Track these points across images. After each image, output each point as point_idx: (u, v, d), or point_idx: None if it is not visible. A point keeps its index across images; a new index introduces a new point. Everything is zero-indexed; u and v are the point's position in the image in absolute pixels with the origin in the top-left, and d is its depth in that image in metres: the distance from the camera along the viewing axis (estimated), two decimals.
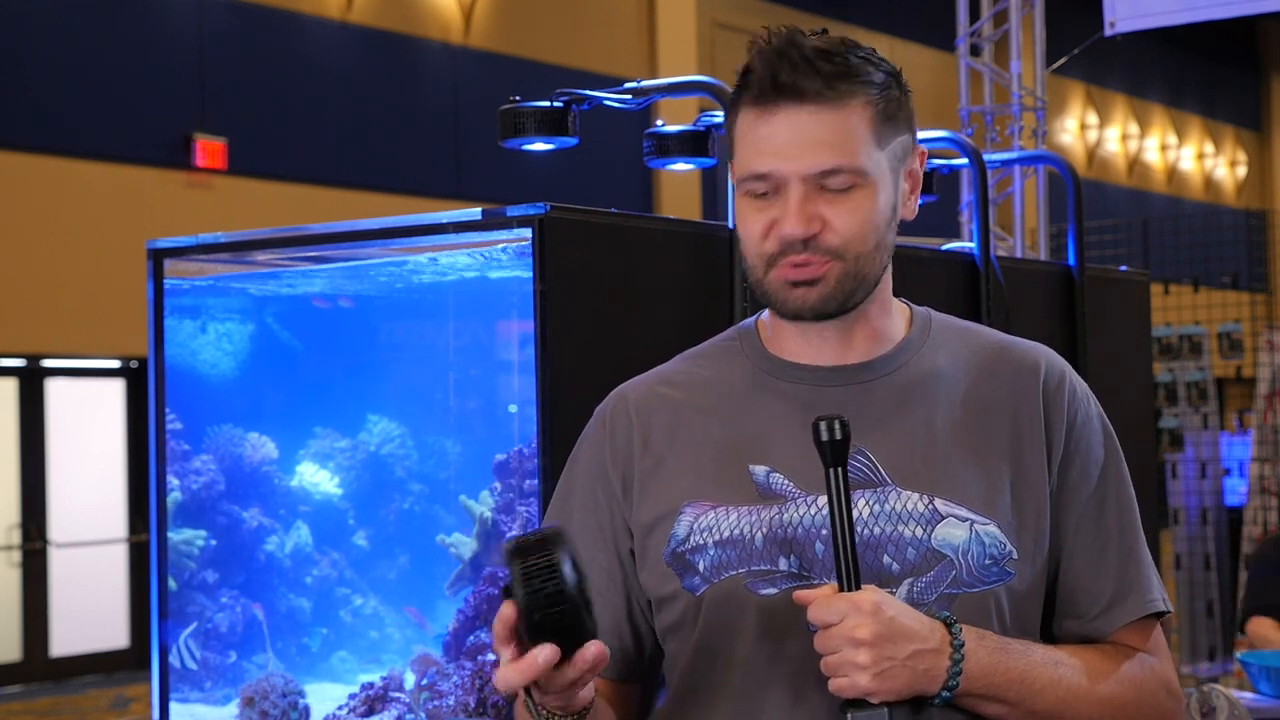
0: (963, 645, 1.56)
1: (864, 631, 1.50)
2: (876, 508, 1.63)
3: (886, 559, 1.62)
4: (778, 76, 1.61)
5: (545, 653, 1.44)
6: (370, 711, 2.78)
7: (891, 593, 1.59)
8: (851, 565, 1.53)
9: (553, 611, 1.44)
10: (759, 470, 1.67)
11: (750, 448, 1.68)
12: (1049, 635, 1.71)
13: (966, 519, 1.62)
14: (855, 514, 1.61)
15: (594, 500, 1.74)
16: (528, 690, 1.49)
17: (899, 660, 1.51)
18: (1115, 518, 1.71)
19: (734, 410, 1.72)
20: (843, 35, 1.67)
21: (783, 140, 1.62)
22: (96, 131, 10.31)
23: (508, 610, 1.45)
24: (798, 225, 1.61)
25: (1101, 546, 1.69)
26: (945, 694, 1.55)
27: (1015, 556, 1.63)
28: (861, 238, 1.63)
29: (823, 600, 1.52)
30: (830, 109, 1.61)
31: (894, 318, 1.74)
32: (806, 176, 1.61)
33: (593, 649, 1.46)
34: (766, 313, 1.77)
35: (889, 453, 1.65)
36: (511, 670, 1.45)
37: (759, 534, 1.64)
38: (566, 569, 1.45)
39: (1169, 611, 1.72)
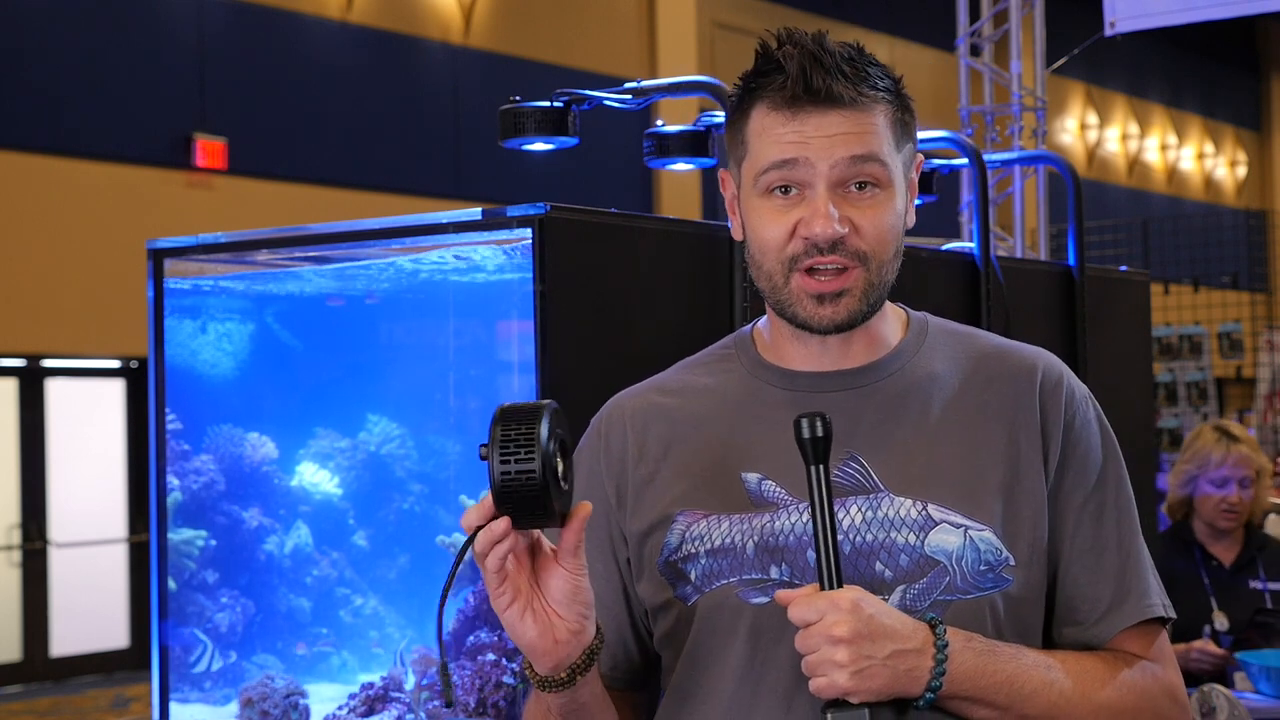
0: (946, 646, 1.53)
1: (841, 629, 1.47)
2: (869, 514, 1.61)
3: (879, 566, 1.60)
4: (811, 81, 1.59)
5: (500, 524, 1.47)
6: (370, 711, 2.78)
7: (884, 600, 1.57)
8: (833, 564, 1.51)
9: (518, 486, 1.44)
10: (751, 477, 1.65)
11: (743, 455, 1.67)
12: (1050, 643, 1.68)
13: (961, 525, 1.60)
14: (848, 521, 1.61)
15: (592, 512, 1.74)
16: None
17: (878, 659, 1.49)
18: (1114, 522, 1.67)
19: (728, 418, 1.70)
20: (850, 40, 1.66)
21: (811, 135, 1.60)
22: (96, 131, 10.31)
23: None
24: (828, 224, 1.59)
25: (1099, 551, 1.66)
26: (929, 695, 1.52)
27: (1012, 563, 1.61)
28: (885, 243, 1.63)
29: (803, 599, 1.50)
30: (858, 111, 1.61)
31: (890, 322, 1.72)
32: (835, 163, 1.59)
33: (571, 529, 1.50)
34: (763, 320, 1.75)
35: (883, 459, 1.63)
36: (473, 512, 1.49)
37: (750, 543, 1.63)
38: (546, 445, 1.44)
39: (1171, 618, 1.69)
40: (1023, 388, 1.67)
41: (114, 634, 10.91)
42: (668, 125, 3.10)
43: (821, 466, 1.51)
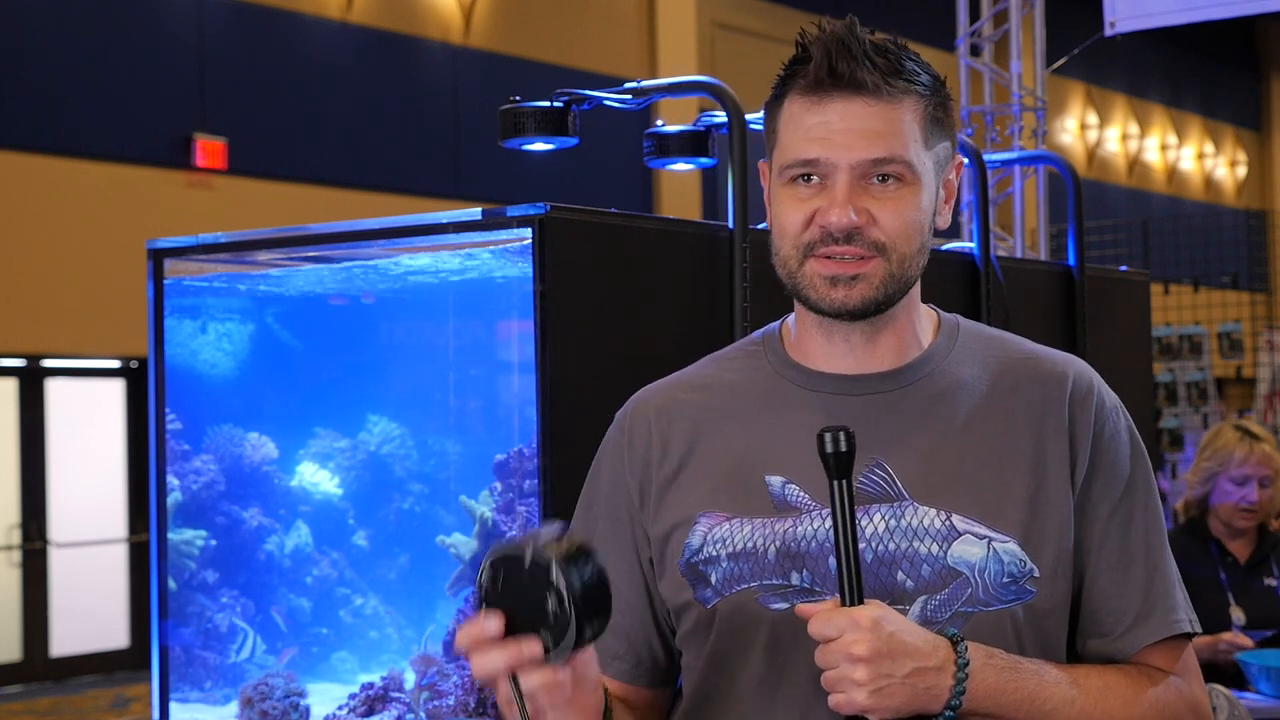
0: (967, 664, 1.51)
1: (861, 647, 1.46)
2: (892, 523, 1.60)
3: (900, 575, 1.59)
4: (835, 66, 1.59)
5: (532, 646, 1.41)
6: (370, 711, 2.78)
7: (904, 610, 1.56)
8: (854, 580, 1.49)
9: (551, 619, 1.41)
10: (775, 481, 1.64)
11: (768, 457, 1.65)
12: (1074, 654, 1.67)
13: (985, 536, 1.59)
14: (871, 529, 1.59)
15: (615, 509, 1.72)
16: (516, 687, 1.45)
17: (898, 678, 1.47)
18: (1141, 534, 1.65)
19: (754, 418, 1.69)
20: (894, 35, 1.66)
21: (835, 128, 1.59)
22: (96, 131, 10.31)
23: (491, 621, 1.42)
24: (844, 214, 1.58)
25: (1126, 564, 1.64)
26: (948, 713, 1.50)
27: (1036, 574, 1.59)
28: (907, 236, 1.61)
29: (823, 615, 1.49)
30: (885, 103, 1.59)
31: (921, 323, 1.70)
32: (856, 164, 1.58)
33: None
34: (792, 317, 1.73)
35: (908, 467, 1.62)
36: (495, 654, 1.42)
37: (772, 547, 1.62)
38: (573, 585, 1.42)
39: (1197, 633, 1.67)
40: (1052, 395, 1.65)
41: (114, 634, 10.91)
42: (668, 125, 3.10)
43: (844, 482, 1.50)
